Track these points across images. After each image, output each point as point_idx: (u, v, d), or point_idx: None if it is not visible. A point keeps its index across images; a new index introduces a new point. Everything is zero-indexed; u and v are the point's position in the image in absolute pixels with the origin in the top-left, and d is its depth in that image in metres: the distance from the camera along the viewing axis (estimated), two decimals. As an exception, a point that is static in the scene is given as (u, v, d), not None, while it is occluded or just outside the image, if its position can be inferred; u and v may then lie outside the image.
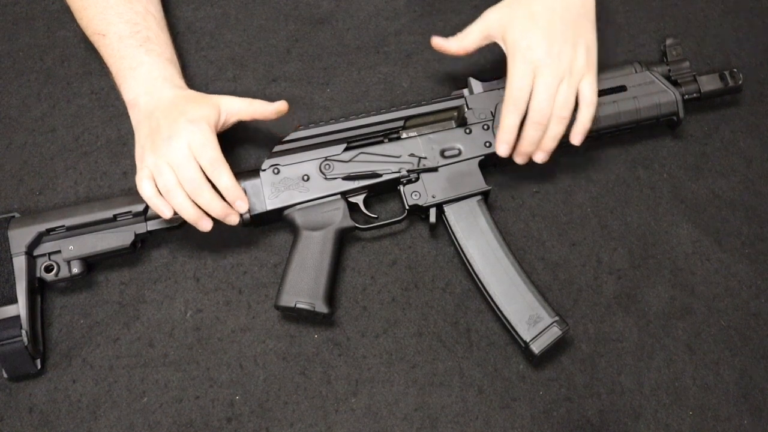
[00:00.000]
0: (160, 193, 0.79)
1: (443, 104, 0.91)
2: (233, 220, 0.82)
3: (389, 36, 1.02)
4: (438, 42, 0.88)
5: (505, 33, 0.84)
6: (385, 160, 0.88)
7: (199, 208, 0.80)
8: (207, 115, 0.81)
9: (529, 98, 0.83)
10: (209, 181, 0.80)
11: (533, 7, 0.84)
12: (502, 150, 0.85)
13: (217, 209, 0.80)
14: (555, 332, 0.81)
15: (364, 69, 1.00)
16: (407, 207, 0.87)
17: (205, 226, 0.81)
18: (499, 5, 0.86)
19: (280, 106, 0.86)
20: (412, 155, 0.88)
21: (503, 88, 0.91)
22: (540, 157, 0.86)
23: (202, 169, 0.79)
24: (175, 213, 0.80)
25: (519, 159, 0.87)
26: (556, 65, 0.82)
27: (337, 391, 0.83)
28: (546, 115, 0.83)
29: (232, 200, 0.81)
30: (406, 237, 0.91)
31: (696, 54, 1.03)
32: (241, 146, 0.94)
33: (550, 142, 0.85)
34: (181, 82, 0.87)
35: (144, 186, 0.79)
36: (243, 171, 0.87)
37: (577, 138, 0.86)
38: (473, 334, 0.86)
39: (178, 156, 0.78)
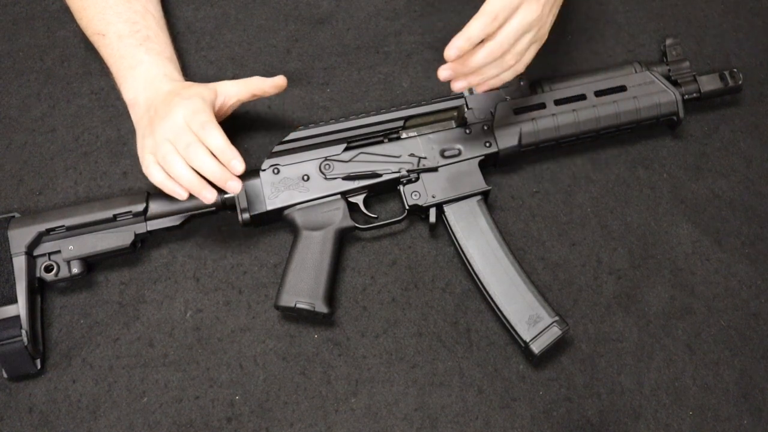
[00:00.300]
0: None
1: (443, 104, 0.91)
2: (234, 186, 0.78)
3: (389, 36, 1.02)
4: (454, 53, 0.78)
5: None
6: (385, 160, 0.88)
7: (201, 178, 0.78)
8: (202, 92, 0.81)
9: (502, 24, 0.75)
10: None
11: None
12: (451, 53, 0.74)
13: (213, 168, 0.78)
14: (555, 332, 0.81)
15: (364, 69, 1.00)
16: (407, 207, 0.87)
17: (208, 195, 0.78)
18: None
19: (279, 81, 0.86)
20: (412, 155, 0.88)
21: (503, 88, 0.91)
22: (475, 81, 0.78)
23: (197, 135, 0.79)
24: (190, 196, 0.79)
25: (458, 84, 0.79)
26: (538, 12, 0.76)
27: (337, 391, 0.83)
28: (504, 49, 0.76)
29: (227, 161, 0.78)
30: (406, 237, 0.91)
31: (696, 54, 1.03)
32: (242, 146, 0.94)
33: (478, 78, 0.78)
34: (180, 79, 0.87)
35: (153, 171, 0.79)
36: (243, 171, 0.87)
37: (482, 88, 0.80)
38: (473, 334, 0.86)
39: (174, 127, 0.78)
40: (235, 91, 0.86)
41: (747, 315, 0.88)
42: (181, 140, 0.78)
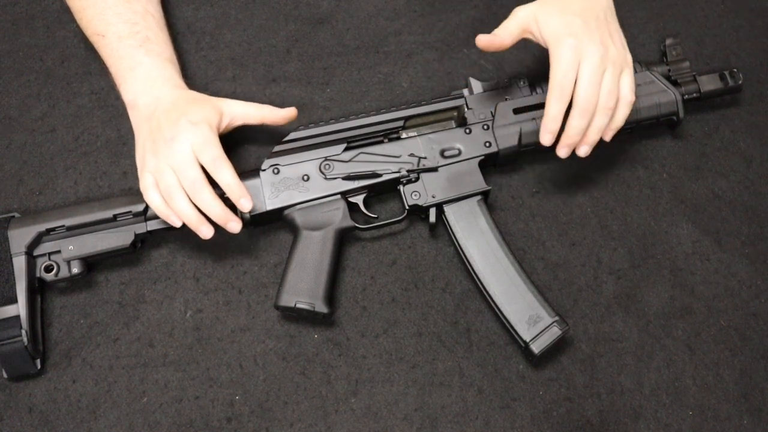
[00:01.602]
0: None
1: (443, 104, 0.91)
2: (234, 227, 0.81)
3: (389, 36, 1.02)
4: (483, 39, 0.82)
5: (542, 26, 0.80)
6: (385, 160, 0.88)
7: (201, 213, 0.80)
8: (208, 116, 0.81)
9: (574, 87, 0.79)
10: (211, 183, 0.80)
11: (566, 5, 0.81)
12: (546, 139, 0.81)
13: (217, 211, 0.79)
14: (555, 332, 0.81)
15: (364, 69, 1.00)
16: (407, 207, 0.87)
17: (206, 232, 0.80)
18: (528, 5, 0.83)
19: (290, 113, 0.87)
20: (412, 155, 0.88)
21: (503, 88, 0.91)
22: (584, 150, 0.83)
23: (204, 169, 0.79)
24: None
25: (562, 152, 0.83)
26: (600, 52, 0.78)
27: (337, 391, 0.83)
28: (593, 102, 0.79)
29: (236, 198, 0.80)
30: (406, 237, 0.91)
31: (696, 54, 1.03)
32: (241, 146, 0.94)
33: (594, 134, 0.82)
34: (181, 82, 0.87)
35: (151, 196, 0.80)
36: (243, 171, 0.87)
37: (609, 134, 0.83)
38: (473, 334, 0.86)
39: (180, 157, 0.78)
40: (243, 114, 0.86)
41: (747, 315, 0.88)
42: (187, 175, 0.78)
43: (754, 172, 0.96)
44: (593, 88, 0.79)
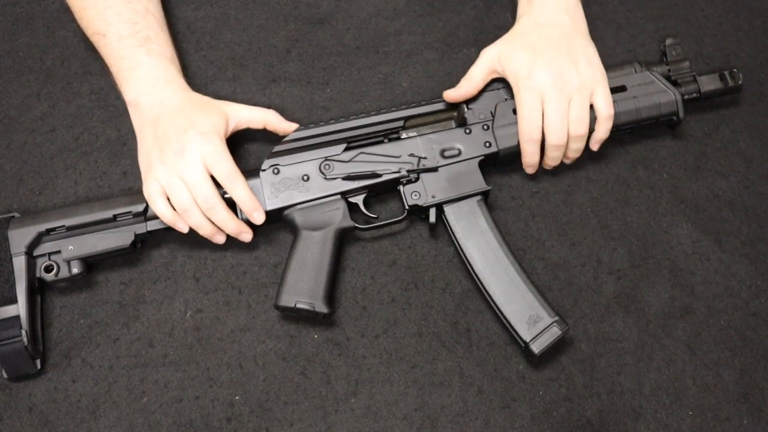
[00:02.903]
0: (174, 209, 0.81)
1: (443, 104, 0.91)
2: (246, 237, 0.84)
3: (389, 36, 1.02)
4: (451, 94, 0.89)
5: (505, 66, 0.86)
6: (384, 160, 0.88)
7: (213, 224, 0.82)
8: (216, 124, 0.82)
9: (543, 124, 0.85)
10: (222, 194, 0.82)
11: (528, 38, 0.87)
12: (530, 171, 0.91)
13: (232, 227, 0.82)
14: (555, 332, 0.81)
15: (364, 69, 1.00)
16: (407, 207, 0.87)
17: (220, 240, 0.84)
18: (495, 43, 0.89)
19: (292, 127, 0.88)
20: (411, 155, 0.88)
21: (503, 88, 0.91)
22: (567, 162, 0.92)
23: (216, 182, 0.80)
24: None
25: (547, 168, 0.92)
26: (560, 87, 0.84)
27: (337, 391, 0.83)
28: (563, 137, 0.85)
29: (249, 212, 0.82)
30: (406, 237, 0.91)
31: (696, 54, 1.03)
32: (241, 146, 0.94)
33: (574, 154, 0.89)
34: (182, 82, 0.87)
35: (158, 205, 0.80)
36: (243, 171, 0.87)
37: (595, 146, 0.90)
38: (473, 334, 0.86)
39: (193, 172, 0.79)
40: (248, 119, 0.87)
41: (747, 315, 0.88)
42: (201, 190, 0.79)
43: (754, 172, 0.96)
44: (560, 124, 0.84)
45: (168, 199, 0.80)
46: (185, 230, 0.82)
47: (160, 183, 0.80)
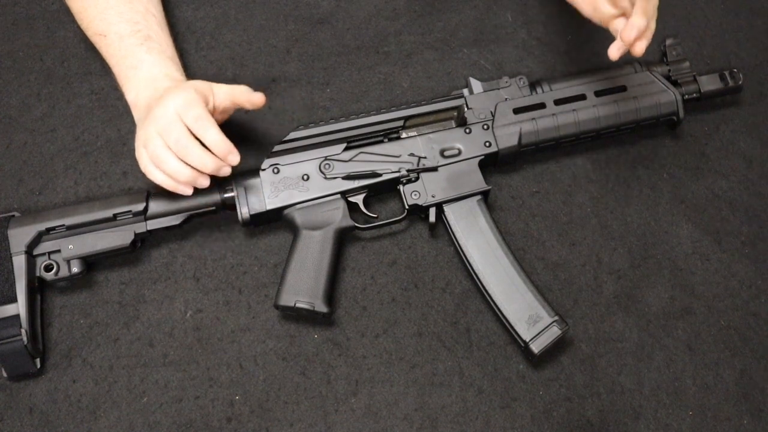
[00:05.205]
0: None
1: (443, 104, 0.91)
2: (227, 171, 0.81)
3: (389, 36, 1.02)
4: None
5: None
6: (384, 160, 0.88)
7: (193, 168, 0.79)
8: (195, 84, 0.81)
9: None
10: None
11: None
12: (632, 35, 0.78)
13: (210, 165, 0.79)
14: (554, 332, 0.81)
15: (364, 69, 1.00)
16: (407, 207, 0.87)
17: (204, 183, 0.81)
18: None
19: (257, 98, 0.83)
20: (411, 155, 0.88)
21: (502, 88, 0.91)
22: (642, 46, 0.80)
23: (189, 129, 0.78)
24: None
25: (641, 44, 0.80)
26: None
27: (337, 391, 0.83)
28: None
29: (223, 154, 0.80)
30: (406, 237, 0.91)
31: (696, 54, 1.03)
32: (241, 146, 0.93)
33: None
34: (182, 78, 0.86)
35: (152, 171, 0.80)
36: (243, 171, 0.87)
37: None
38: (473, 334, 0.86)
39: (164, 120, 0.78)
40: (223, 95, 0.84)
41: (747, 315, 0.88)
42: (172, 134, 0.78)
43: (754, 172, 0.96)
44: None
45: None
46: (189, 191, 0.81)
47: (144, 146, 0.79)
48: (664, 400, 0.83)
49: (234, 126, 0.91)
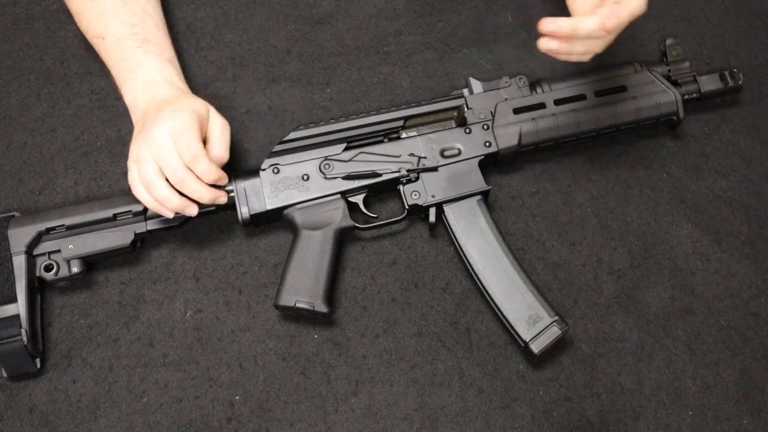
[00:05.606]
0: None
1: (443, 104, 0.91)
2: (223, 200, 0.82)
3: (389, 36, 1.02)
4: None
5: None
6: (384, 160, 0.88)
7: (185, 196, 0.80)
8: (195, 106, 0.80)
9: None
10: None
11: None
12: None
13: (206, 196, 0.80)
14: (554, 332, 0.81)
15: (364, 69, 1.00)
16: (407, 207, 0.87)
17: (192, 211, 0.81)
18: None
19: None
20: (411, 155, 0.88)
21: (502, 88, 0.91)
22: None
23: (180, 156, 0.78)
24: (177, 213, 0.80)
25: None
26: None
27: (337, 391, 0.83)
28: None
29: (214, 182, 0.80)
30: (406, 237, 0.91)
31: (696, 54, 1.03)
32: (242, 146, 0.94)
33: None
34: (180, 83, 0.87)
35: (138, 191, 0.80)
36: (243, 170, 0.87)
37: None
38: (473, 334, 0.86)
39: (159, 145, 0.77)
40: (213, 131, 0.83)
41: (747, 315, 0.88)
42: (167, 163, 0.77)
43: (754, 172, 0.96)
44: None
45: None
46: (170, 215, 0.80)
47: (135, 162, 0.79)
48: (664, 400, 0.83)
49: (234, 126, 0.91)
